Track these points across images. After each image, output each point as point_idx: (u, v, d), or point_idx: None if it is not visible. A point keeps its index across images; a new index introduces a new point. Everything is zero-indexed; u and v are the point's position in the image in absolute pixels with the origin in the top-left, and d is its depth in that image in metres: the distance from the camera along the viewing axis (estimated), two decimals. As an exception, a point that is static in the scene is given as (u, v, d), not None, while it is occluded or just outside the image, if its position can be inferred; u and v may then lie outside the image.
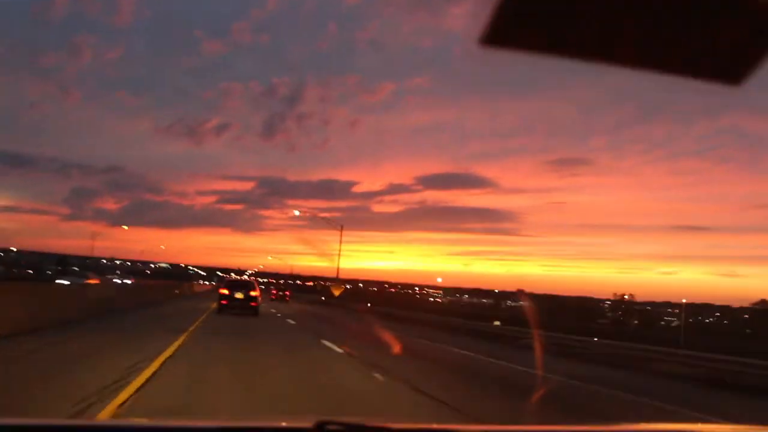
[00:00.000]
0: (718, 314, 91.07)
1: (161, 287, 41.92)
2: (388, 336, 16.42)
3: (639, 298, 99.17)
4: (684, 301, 59.80)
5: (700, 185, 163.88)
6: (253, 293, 27.38)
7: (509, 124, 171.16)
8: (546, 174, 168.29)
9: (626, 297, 69.91)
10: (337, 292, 50.58)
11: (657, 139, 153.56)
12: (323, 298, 74.64)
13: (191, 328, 16.73)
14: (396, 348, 14.92)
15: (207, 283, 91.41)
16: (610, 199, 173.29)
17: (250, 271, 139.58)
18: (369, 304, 51.36)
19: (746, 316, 75.61)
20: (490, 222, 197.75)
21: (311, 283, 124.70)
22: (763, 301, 59.61)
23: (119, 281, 57.89)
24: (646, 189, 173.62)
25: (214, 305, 29.45)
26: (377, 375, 10.34)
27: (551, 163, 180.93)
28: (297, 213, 46.73)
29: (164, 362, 9.79)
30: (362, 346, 15.09)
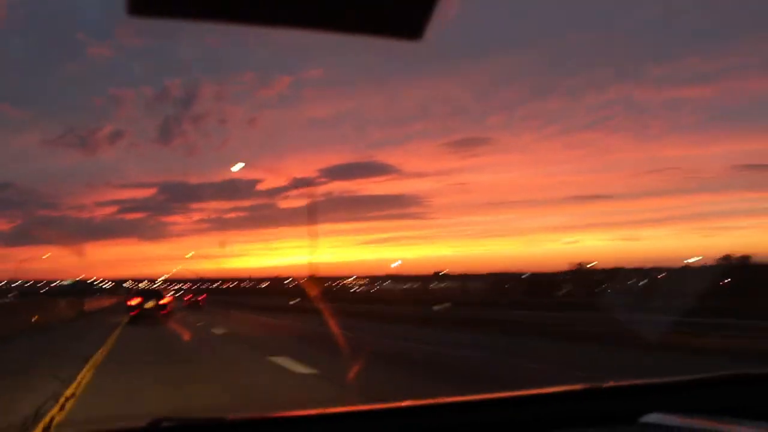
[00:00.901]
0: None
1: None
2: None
3: (549, 269, 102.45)
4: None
5: (594, 156, 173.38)
6: (163, 301, 27.60)
7: (407, 109, 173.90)
8: (447, 156, 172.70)
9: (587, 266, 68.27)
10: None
11: (550, 114, 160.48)
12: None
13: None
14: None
15: (111, 296, 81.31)
16: (511, 176, 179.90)
17: (161, 279, 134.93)
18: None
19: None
20: (397, 208, 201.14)
21: (228, 285, 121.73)
22: (727, 257, 62.57)
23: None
24: (544, 163, 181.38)
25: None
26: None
27: (451, 144, 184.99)
28: (239, 168, 35.89)
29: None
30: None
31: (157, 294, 28.54)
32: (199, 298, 53.83)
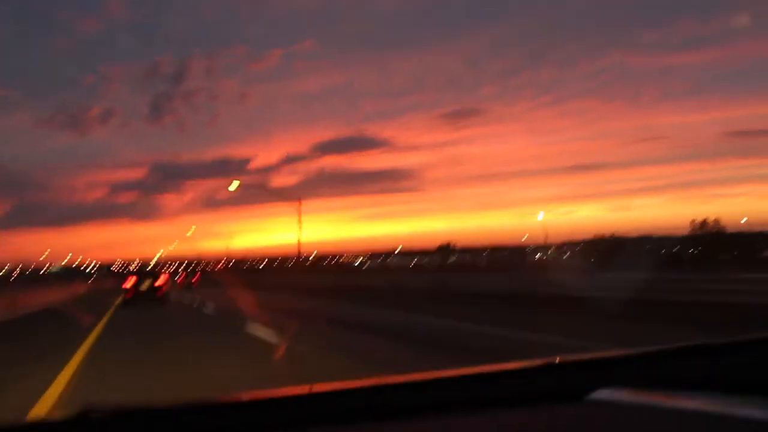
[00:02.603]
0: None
1: None
2: None
3: (542, 242, 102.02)
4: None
5: (589, 124, 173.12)
6: (158, 283, 26.58)
7: (399, 81, 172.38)
8: (440, 128, 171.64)
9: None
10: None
11: (544, 83, 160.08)
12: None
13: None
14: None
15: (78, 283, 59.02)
16: (505, 147, 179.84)
17: (155, 259, 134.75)
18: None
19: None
20: (390, 182, 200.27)
21: (222, 266, 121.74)
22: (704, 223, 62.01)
23: None
24: (538, 133, 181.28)
25: None
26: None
27: (444, 116, 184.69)
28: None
29: None
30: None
31: (154, 275, 27.48)
32: (193, 280, 54.09)
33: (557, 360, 1.48)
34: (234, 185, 40.44)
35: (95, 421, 1.28)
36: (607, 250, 57.75)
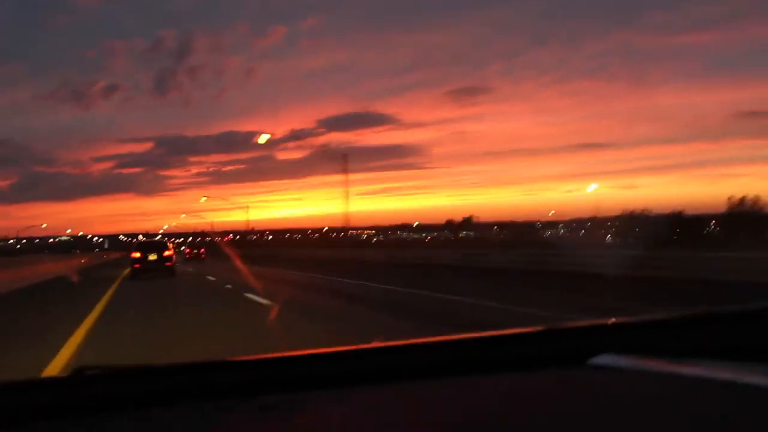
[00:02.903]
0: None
1: None
2: None
3: (546, 218, 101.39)
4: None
5: (594, 104, 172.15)
6: (167, 253, 26.37)
7: (406, 58, 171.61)
8: (446, 105, 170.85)
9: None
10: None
11: (549, 62, 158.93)
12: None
13: None
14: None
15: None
16: (511, 126, 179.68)
17: (161, 232, 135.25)
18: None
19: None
20: (396, 158, 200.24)
21: (229, 238, 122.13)
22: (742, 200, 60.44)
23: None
24: (543, 112, 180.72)
25: None
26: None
27: (450, 93, 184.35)
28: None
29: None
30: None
31: (162, 246, 27.32)
32: (201, 250, 55.24)
33: (560, 326, 1.48)
34: (263, 138, 43.90)
35: (90, 379, 1.30)
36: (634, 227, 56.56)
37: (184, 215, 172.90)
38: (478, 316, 10.24)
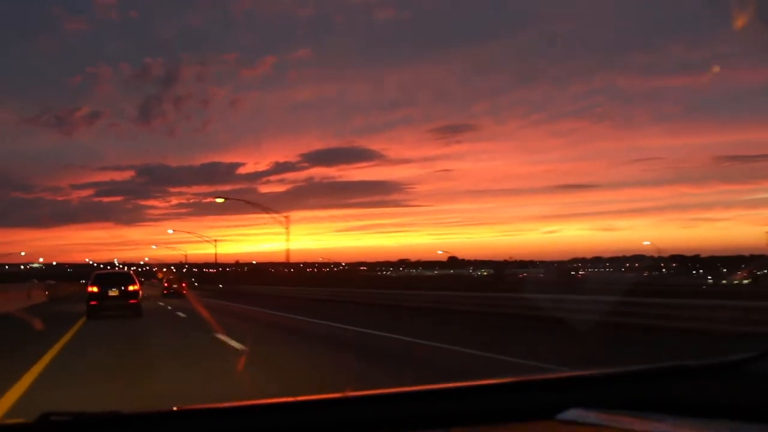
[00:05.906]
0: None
1: None
2: None
3: (521, 257, 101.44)
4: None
5: (579, 144, 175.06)
6: (132, 288, 21.84)
7: (392, 95, 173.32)
8: (431, 143, 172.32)
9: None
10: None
11: (535, 101, 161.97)
12: (220, 285, 69.86)
13: None
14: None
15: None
16: (495, 164, 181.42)
17: (142, 262, 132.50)
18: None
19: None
20: (379, 195, 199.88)
21: (213, 271, 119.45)
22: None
23: None
24: (528, 151, 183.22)
25: None
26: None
27: (435, 131, 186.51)
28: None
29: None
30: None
31: (126, 278, 22.58)
32: (183, 285, 49.73)
33: (530, 378, 1.49)
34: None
35: (56, 426, 1.26)
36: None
37: (154, 246, 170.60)
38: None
